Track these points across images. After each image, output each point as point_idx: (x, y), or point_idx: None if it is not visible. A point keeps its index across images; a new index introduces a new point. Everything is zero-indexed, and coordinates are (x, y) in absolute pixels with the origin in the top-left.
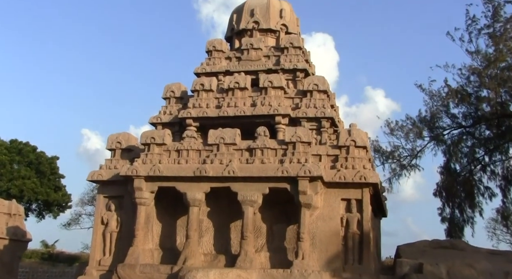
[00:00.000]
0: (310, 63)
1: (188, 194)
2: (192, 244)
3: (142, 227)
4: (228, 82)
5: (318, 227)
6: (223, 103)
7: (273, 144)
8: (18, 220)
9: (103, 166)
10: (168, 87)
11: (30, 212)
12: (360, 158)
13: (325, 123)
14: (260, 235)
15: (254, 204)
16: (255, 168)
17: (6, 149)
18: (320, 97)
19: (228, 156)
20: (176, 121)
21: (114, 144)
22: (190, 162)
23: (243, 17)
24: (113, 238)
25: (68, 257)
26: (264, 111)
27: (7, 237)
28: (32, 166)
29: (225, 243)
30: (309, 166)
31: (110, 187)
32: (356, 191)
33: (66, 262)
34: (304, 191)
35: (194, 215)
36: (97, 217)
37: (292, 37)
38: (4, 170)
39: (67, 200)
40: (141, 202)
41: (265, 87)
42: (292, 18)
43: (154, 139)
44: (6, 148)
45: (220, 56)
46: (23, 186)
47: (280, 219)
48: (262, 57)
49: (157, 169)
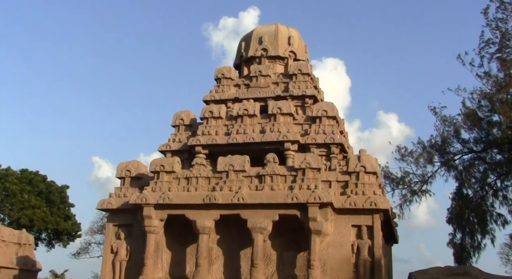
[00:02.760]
0: (319, 89)
1: (197, 222)
2: (202, 272)
3: (152, 256)
4: (237, 109)
5: (329, 254)
6: (232, 130)
7: (283, 171)
8: (28, 250)
9: (113, 194)
10: (177, 114)
11: (40, 242)
12: (370, 184)
13: (334, 149)
14: (270, 262)
15: (264, 231)
16: (265, 195)
17: (16, 179)
18: (329, 123)
19: (238, 183)
20: (185, 148)
21: (124, 172)
22: (200, 189)
23: (251, 45)
24: (122, 267)
25: None
26: (273, 137)
27: (17, 267)
28: (42, 196)
29: (235, 271)
30: (319, 193)
31: (119, 215)
32: (366, 217)
33: None
34: (314, 217)
35: (204, 243)
36: (106, 246)
37: (300, 63)
38: (14, 199)
39: (77, 229)
40: (151, 230)
41: (274, 114)
42: (300, 45)
43: (164, 167)
44: (16, 178)
45: (229, 83)
46: (33, 215)
47: (290, 246)
48: (270, 84)
49: (166, 197)
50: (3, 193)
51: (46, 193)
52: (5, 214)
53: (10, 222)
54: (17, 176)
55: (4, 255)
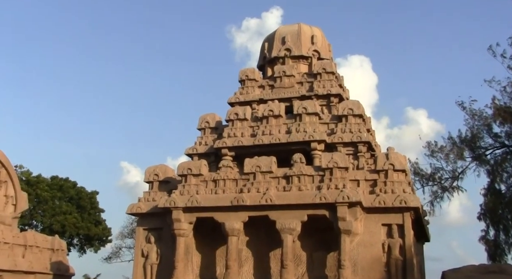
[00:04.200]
0: (344, 88)
1: (226, 224)
2: (232, 274)
3: (182, 259)
4: (262, 110)
5: (359, 254)
6: (257, 131)
7: (310, 171)
8: (61, 255)
9: (142, 198)
10: (203, 118)
11: (72, 247)
12: (400, 182)
13: (361, 147)
14: (300, 263)
15: (293, 232)
16: (293, 196)
17: (47, 186)
18: (356, 121)
19: (265, 185)
20: (211, 151)
21: (152, 177)
22: (227, 191)
23: (274, 45)
24: (153, 270)
25: None
26: (299, 137)
27: (51, 272)
28: (72, 202)
29: (265, 272)
30: (347, 192)
31: (149, 219)
32: (396, 215)
33: None
34: (343, 217)
35: (233, 245)
36: (137, 250)
37: (324, 62)
38: (46, 206)
39: (108, 234)
40: (180, 233)
41: (299, 114)
42: (324, 43)
43: (191, 170)
44: (47, 185)
45: (253, 85)
46: (65, 221)
47: (320, 246)
48: (295, 84)
49: (194, 200)
50: (35, 200)
51: (77, 199)
52: (37, 221)
53: (43, 228)
54: (48, 183)
55: (38, 260)
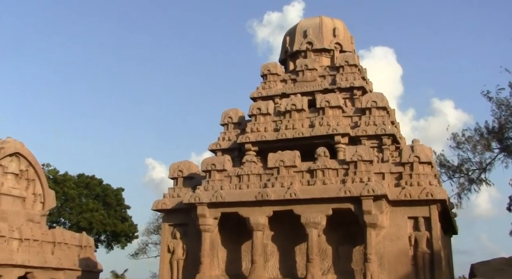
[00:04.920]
0: (367, 80)
1: (251, 219)
2: (258, 269)
3: (208, 254)
4: (284, 104)
5: (386, 247)
6: (280, 126)
7: (334, 164)
8: (89, 252)
9: (167, 195)
10: (226, 113)
11: (100, 243)
12: (425, 174)
13: (386, 140)
14: (326, 257)
15: (318, 226)
16: (317, 190)
17: (74, 183)
18: (380, 114)
19: (289, 179)
20: (235, 146)
21: (176, 173)
22: (251, 186)
23: (296, 39)
24: (180, 266)
25: None
26: (323, 131)
27: (80, 268)
28: (99, 199)
29: (291, 266)
30: (372, 185)
31: (174, 215)
32: (423, 208)
33: None
34: (369, 210)
35: (258, 240)
36: (163, 246)
37: (347, 55)
38: (73, 204)
39: (134, 230)
40: (205, 228)
41: (322, 107)
42: (346, 36)
43: (215, 165)
44: (74, 183)
45: (275, 79)
46: (92, 218)
47: (345, 240)
48: (317, 77)
49: (219, 195)
50: (62, 198)
51: (103, 196)
52: (65, 218)
53: (71, 225)
54: (74, 181)
55: (67, 257)
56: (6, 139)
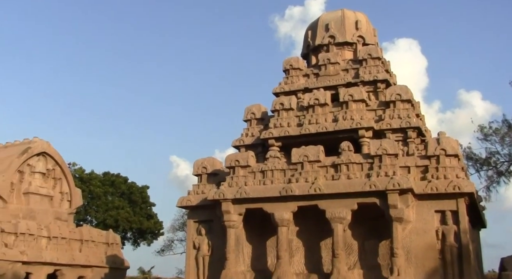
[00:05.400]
0: (391, 73)
1: (275, 215)
2: (283, 265)
3: (233, 250)
4: (307, 99)
5: (412, 242)
6: (304, 120)
7: (359, 159)
8: (115, 249)
9: (191, 191)
10: (248, 109)
11: (126, 241)
12: (452, 167)
13: (411, 133)
14: (351, 252)
15: (343, 221)
16: (342, 184)
17: (100, 182)
18: (404, 107)
19: (313, 174)
20: (258, 142)
21: (200, 169)
22: (275, 182)
23: (318, 33)
24: (205, 262)
25: None
26: (347, 125)
27: (107, 265)
28: (124, 197)
29: (317, 262)
30: (397, 179)
31: (199, 211)
32: (450, 202)
33: None
34: (394, 204)
35: (283, 235)
36: (188, 242)
37: (370, 48)
38: (99, 202)
39: (159, 227)
40: (230, 225)
41: (345, 101)
42: (369, 28)
43: (238, 161)
44: (100, 181)
45: (298, 74)
46: (118, 216)
47: (371, 235)
48: (340, 71)
49: (243, 191)
50: (88, 196)
51: (128, 194)
52: (92, 216)
53: (97, 223)
54: (100, 179)
55: (95, 254)
56: (33, 139)
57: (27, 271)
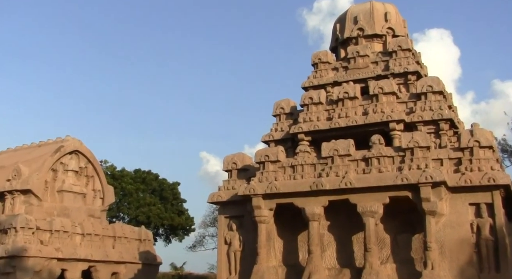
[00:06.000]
0: (422, 65)
1: (306, 209)
2: (315, 259)
3: (264, 245)
4: (337, 93)
5: (446, 235)
6: (333, 114)
7: (390, 152)
8: (148, 245)
9: (222, 187)
10: (278, 104)
11: (158, 237)
12: (487, 159)
13: (443, 125)
14: (384, 246)
15: (375, 215)
16: (373, 178)
17: (131, 179)
18: (436, 98)
19: (344, 168)
20: (288, 137)
21: (230, 165)
22: (306, 176)
23: (346, 26)
24: (237, 257)
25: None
26: (377, 118)
27: (140, 261)
28: (155, 193)
29: (349, 256)
30: (430, 172)
31: (230, 207)
32: (485, 194)
33: None
34: (427, 198)
35: (315, 230)
36: (220, 238)
37: (400, 39)
38: (131, 198)
39: (191, 223)
40: (261, 220)
41: (375, 94)
42: (398, 20)
43: (268, 157)
44: (131, 178)
45: (327, 67)
46: (149, 212)
47: (404, 228)
48: (369, 64)
49: (273, 186)
50: (120, 193)
51: (159, 191)
52: (124, 213)
53: (129, 220)
54: (131, 176)
55: (127, 251)
56: (66, 137)
57: (62, 267)
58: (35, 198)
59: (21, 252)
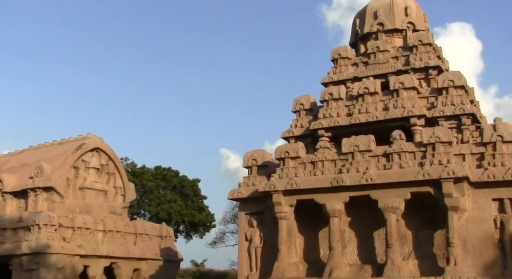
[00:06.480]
0: (443, 59)
1: (327, 205)
2: (336, 255)
3: (285, 241)
4: (357, 88)
5: (469, 231)
6: (353, 110)
7: (411, 147)
8: (169, 242)
9: (242, 184)
10: (297, 100)
11: (179, 234)
12: (510, 154)
13: (465, 120)
14: (406, 242)
15: (396, 211)
16: (394, 174)
17: (152, 176)
18: (457, 93)
19: (364, 164)
20: (308, 133)
21: (250, 162)
22: (326, 172)
23: (366, 21)
24: (258, 254)
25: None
26: (398, 114)
27: (161, 258)
28: (176, 190)
29: (370, 252)
30: (452, 167)
31: (250, 204)
32: (508, 189)
33: None
34: (449, 193)
35: (335, 226)
36: (241, 234)
37: (420, 34)
38: (152, 195)
39: (211, 220)
40: (282, 216)
41: (396, 89)
42: (419, 14)
43: (288, 153)
44: (152, 175)
45: (346, 63)
46: (170, 209)
47: (426, 224)
48: (390, 59)
49: (294, 183)
50: (141, 190)
51: (180, 188)
52: (145, 210)
53: (150, 216)
54: (152, 173)
55: (149, 247)
56: (87, 135)
57: (85, 264)
58: (57, 195)
59: (44, 249)
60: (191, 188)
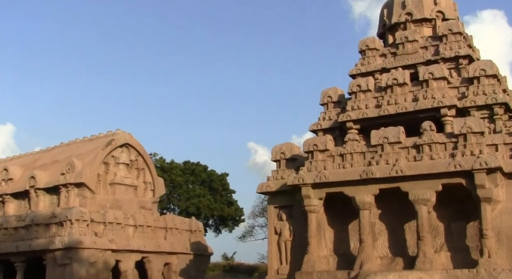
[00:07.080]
0: (474, 48)
1: (356, 198)
2: (366, 248)
3: (315, 234)
4: (385, 79)
5: (503, 222)
6: (382, 102)
7: (442, 138)
8: (199, 236)
9: (270, 177)
10: (325, 92)
11: (208, 228)
12: None
13: (498, 109)
14: (437, 234)
15: (427, 203)
16: (424, 165)
17: (181, 171)
18: (489, 82)
19: (394, 156)
20: (336, 125)
21: (279, 155)
22: (355, 165)
23: (394, 11)
24: (287, 247)
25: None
26: (428, 104)
27: (191, 252)
28: (205, 185)
29: (401, 245)
30: (484, 158)
31: (279, 197)
32: None
33: (246, 273)
34: (482, 184)
35: (366, 219)
36: (270, 228)
37: (450, 23)
38: (181, 190)
39: (240, 214)
40: (311, 209)
41: (426, 80)
42: (448, 3)
43: (317, 146)
44: (180, 170)
45: (374, 54)
46: (199, 204)
47: (458, 216)
48: (419, 49)
49: (322, 176)
50: (170, 185)
51: (208, 182)
52: (174, 204)
53: (180, 211)
54: (180, 168)
55: (179, 242)
56: (116, 131)
57: (116, 259)
58: (89, 191)
59: (76, 244)
60: (219, 182)
